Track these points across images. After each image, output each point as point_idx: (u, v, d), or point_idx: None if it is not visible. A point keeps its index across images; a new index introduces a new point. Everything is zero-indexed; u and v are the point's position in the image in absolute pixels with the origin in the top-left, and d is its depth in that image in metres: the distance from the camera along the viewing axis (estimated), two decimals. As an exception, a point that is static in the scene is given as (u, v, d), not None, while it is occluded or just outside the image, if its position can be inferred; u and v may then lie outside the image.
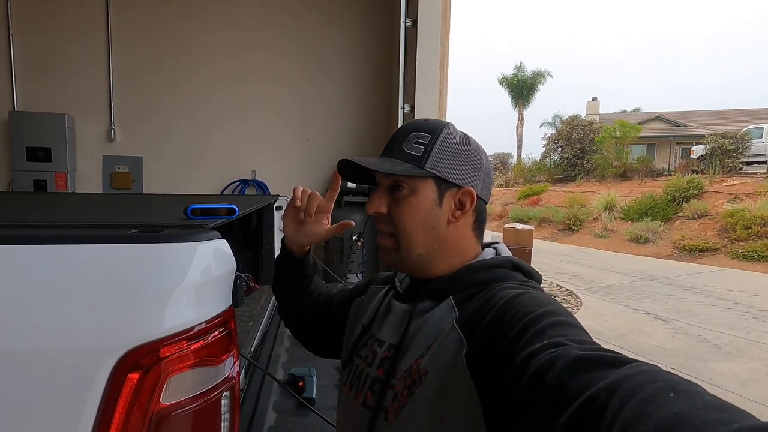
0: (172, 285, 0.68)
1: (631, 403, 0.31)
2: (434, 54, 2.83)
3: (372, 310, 0.73)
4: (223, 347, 0.74)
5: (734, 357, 4.36)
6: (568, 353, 0.40)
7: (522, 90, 25.13)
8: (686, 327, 5.28)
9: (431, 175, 0.61)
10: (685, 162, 16.01)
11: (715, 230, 10.62)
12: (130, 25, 3.41)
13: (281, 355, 1.40)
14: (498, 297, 0.55)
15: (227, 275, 0.78)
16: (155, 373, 0.64)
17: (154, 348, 0.65)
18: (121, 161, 3.52)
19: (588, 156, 17.68)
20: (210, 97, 3.54)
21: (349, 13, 3.59)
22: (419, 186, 0.62)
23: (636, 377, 0.34)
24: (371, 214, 0.65)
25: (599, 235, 12.46)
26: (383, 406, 0.60)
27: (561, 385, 0.37)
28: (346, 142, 3.63)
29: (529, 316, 0.48)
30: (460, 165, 0.63)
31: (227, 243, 0.79)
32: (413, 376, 0.57)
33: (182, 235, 0.72)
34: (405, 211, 0.62)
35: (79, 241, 0.66)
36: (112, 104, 3.44)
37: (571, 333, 0.45)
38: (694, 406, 0.29)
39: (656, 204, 12.39)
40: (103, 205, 1.49)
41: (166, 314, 0.66)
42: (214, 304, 0.74)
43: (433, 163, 0.61)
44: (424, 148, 0.62)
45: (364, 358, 0.68)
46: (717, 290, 7.12)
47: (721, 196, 11.67)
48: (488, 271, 0.61)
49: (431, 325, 0.59)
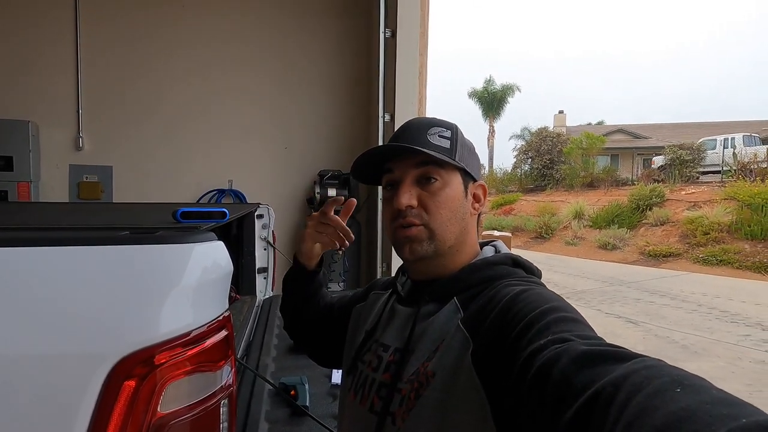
0: (168, 288, 0.65)
1: (637, 398, 0.31)
2: (413, 64, 2.87)
3: (375, 315, 0.72)
4: (221, 352, 0.71)
5: (701, 356, 4.55)
6: (573, 349, 0.40)
7: (492, 103, 25.82)
8: (655, 329, 5.48)
9: (460, 166, 0.63)
10: (647, 172, 16.79)
11: (677, 236, 11.14)
12: (101, 33, 3.31)
13: (269, 365, 1.36)
14: (501, 294, 0.55)
15: (224, 278, 0.76)
16: (152, 380, 0.61)
17: (150, 354, 0.62)
18: (89, 171, 3.37)
19: (557, 166, 18.28)
20: (184, 105, 3.46)
21: (327, 22, 3.61)
22: (450, 177, 0.63)
23: (641, 372, 0.33)
24: (403, 208, 0.61)
25: (570, 242, 12.84)
26: (390, 411, 0.59)
27: (566, 381, 0.37)
28: (325, 151, 3.62)
29: (533, 312, 0.48)
30: (474, 160, 0.67)
31: (224, 245, 0.76)
32: (420, 379, 0.56)
33: (178, 236, 0.69)
34: (441, 202, 0.62)
35: (69, 244, 0.63)
36: (81, 112, 3.31)
37: (576, 328, 0.45)
38: (700, 400, 0.29)
39: (622, 212, 12.90)
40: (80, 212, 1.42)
41: (163, 318, 0.63)
42: (212, 308, 0.71)
43: (461, 156, 0.64)
44: (450, 142, 0.63)
45: (368, 364, 0.67)
46: (681, 293, 7.44)
47: (681, 204, 12.27)
48: (490, 269, 0.62)
49: (437, 328, 0.59)
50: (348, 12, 3.62)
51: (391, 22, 2.88)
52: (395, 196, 0.62)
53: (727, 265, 9.57)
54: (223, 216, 0.97)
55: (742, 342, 5.00)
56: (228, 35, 3.47)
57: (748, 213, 10.41)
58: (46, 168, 3.31)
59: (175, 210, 0.92)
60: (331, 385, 1.23)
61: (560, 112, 25.51)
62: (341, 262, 3.07)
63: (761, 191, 10.77)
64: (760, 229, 9.92)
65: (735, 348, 4.81)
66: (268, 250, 2.32)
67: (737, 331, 5.39)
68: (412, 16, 2.84)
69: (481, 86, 25.90)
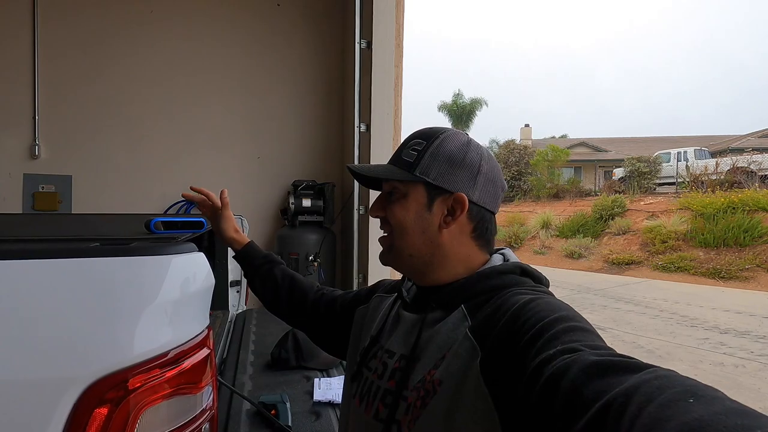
0: (144, 304, 0.60)
1: (649, 409, 0.31)
2: (389, 74, 2.88)
3: (380, 320, 0.71)
4: (202, 373, 0.66)
5: (666, 360, 4.72)
6: (583, 359, 0.39)
7: (461, 116, 26.39)
8: (622, 335, 5.66)
9: (420, 180, 0.62)
10: (609, 183, 17.54)
11: (638, 245, 11.64)
12: (60, 34, 3.15)
13: (246, 383, 1.29)
14: (510, 303, 0.54)
15: (205, 292, 0.71)
16: (126, 406, 0.55)
17: (123, 377, 0.56)
18: (45, 180, 3.17)
19: (524, 178, 18.80)
20: (150, 114, 3.33)
21: (301, 31, 3.58)
22: (409, 190, 0.64)
23: (653, 382, 0.33)
24: (372, 216, 0.69)
25: (538, 251, 13.17)
26: (396, 419, 0.57)
27: (576, 391, 0.37)
28: (299, 161, 3.56)
29: (542, 321, 0.48)
30: (454, 171, 0.63)
31: (204, 256, 0.71)
32: (427, 387, 0.55)
33: (155, 247, 0.64)
34: (396, 212, 0.65)
35: (31, 257, 0.56)
36: (37, 117, 3.12)
37: (586, 338, 0.45)
38: (714, 411, 0.28)
39: (587, 222, 13.37)
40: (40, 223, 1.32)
41: (138, 338, 0.58)
42: (192, 325, 0.66)
43: (423, 168, 0.63)
44: (416, 155, 0.63)
45: (374, 370, 0.65)
46: (644, 299, 7.74)
47: (641, 214, 12.85)
48: (498, 278, 0.61)
49: (444, 335, 0.58)
50: (322, 21, 3.61)
51: (367, 33, 2.88)
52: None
53: (684, 271, 10.06)
54: (200, 226, 0.92)
55: (701, 345, 5.24)
56: (197, 42, 3.39)
57: (701, 222, 11.02)
58: (-3, 177, 3.09)
59: (148, 220, 0.87)
60: (313, 403, 1.18)
61: (526, 125, 26.39)
62: (316, 274, 3.01)
63: (712, 201, 11.44)
64: (712, 238, 10.50)
65: (696, 351, 5.03)
66: (241, 263, 2.24)
67: (696, 335, 5.64)
68: (387, 28, 2.86)
69: (451, 100, 26.48)
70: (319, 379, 1.31)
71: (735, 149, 16.80)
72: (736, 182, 12.93)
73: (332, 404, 1.18)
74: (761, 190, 11.74)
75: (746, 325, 6.09)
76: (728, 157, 14.48)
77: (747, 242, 10.04)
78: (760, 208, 10.62)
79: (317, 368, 1.41)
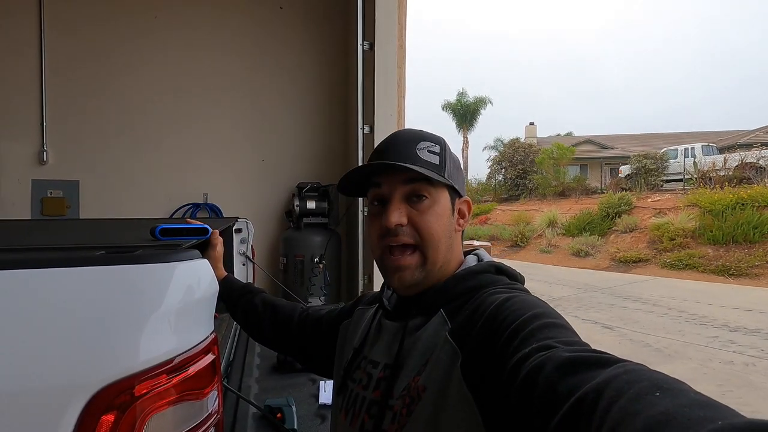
0: (149, 311, 0.61)
1: (619, 403, 0.31)
2: (392, 76, 2.88)
3: (362, 331, 0.71)
4: (207, 378, 0.67)
5: (674, 359, 4.68)
6: (557, 356, 0.40)
7: (465, 115, 26.33)
8: (630, 333, 5.62)
9: (449, 183, 0.62)
10: (615, 180, 17.41)
11: (645, 242, 11.55)
12: (68, 43, 3.19)
13: (252, 387, 1.30)
14: (487, 303, 0.54)
15: (210, 298, 0.71)
16: (133, 413, 0.56)
17: (130, 384, 0.57)
18: (53, 185, 3.22)
19: (529, 176, 18.73)
20: (155, 118, 3.36)
21: (303, 34, 3.60)
22: (439, 195, 0.62)
23: (623, 377, 0.34)
24: (392, 227, 0.60)
25: (544, 250, 13.11)
26: (382, 429, 0.58)
27: (551, 388, 0.38)
28: (303, 163, 3.57)
29: (518, 320, 0.48)
30: (460, 176, 0.66)
31: (208, 263, 0.72)
32: (412, 394, 0.56)
33: (159, 255, 0.64)
34: (433, 221, 0.61)
35: (37, 266, 0.57)
36: (45, 124, 3.16)
37: (560, 335, 0.45)
38: (679, 403, 0.29)
39: (593, 220, 13.29)
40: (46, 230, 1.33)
41: (143, 345, 0.58)
42: (197, 331, 0.67)
43: (449, 172, 0.63)
44: (439, 158, 0.62)
45: (358, 382, 0.65)
46: (652, 297, 7.68)
47: (648, 211, 12.75)
48: (474, 278, 0.61)
49: (425, 341, 0.58)
50: (324, 23, 3.62)
51: (369, 35, 2.89)
52: (385, 213, 0.61)
53: (692, 269, 9.97)
54: (204, 232, 0.93)
55: (711, 344, 5.19)
56: (201, 47, 3.41)
57: (709, 219, 10.91)
58: (6, 183, 3.13)
59: (153, 227, 0.88)
60: (319, 406, 1.19)
61: (531, 123, 26.28)
62: (322, 276, 3.02)
63: (721, 198, 11.32)
64: (721, 234, 10.39)
65: (705, 350, 4.98)
66: (247, 266, 2.25)
67: (706, 333, 5.59)
68: (389, 29, 2.86)
69: (455, 99, 26.44)
70: (325, 382, 1.31)
71: (743, 144, 16.60)
72: (745, 178, 12.79)
73: (338, 407, 1.18)
74: (770, 185, 11.60)
75: (756, 323, 6.03)
76: (736, 153, 14.31)
77: (756, 239, 9.93)
78: (770, 204, 10.50)
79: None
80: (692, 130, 25.58)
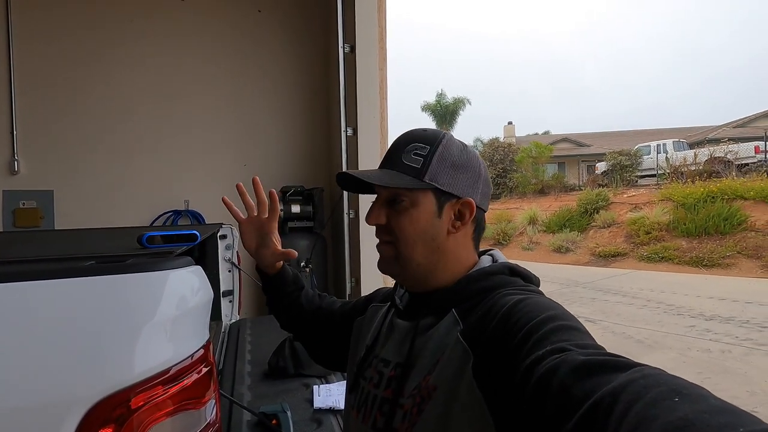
0: (143, 321, 0.59)
1: (636, 408, 0.31)
2: (373, 78, 2.89)
3: (375, 329, 0.71)
4: (204, 387, 0.66)
5: (655, 349, 4.82)
6: (571, 359, 0.40)
7: (445, 116, 26.53)
8: (612, 326, 5.75)
9: (430, 186, 0.61)
10: (592, 177, 17.81)
11: (623, 237, 11.85)
12: (37, 49, 3.08)
13: (244, 394, 1.28)
14: (500, 304, 0.54)
15: (204, 305, 0.70)
16: (130, 426, 0.55)
17: (126, 397, 0.56)
18: (26, 196, 3.10)
19: (509, 175, 18.98)
20: (133, 125, 3.28)
21: (282, 38, 3.57)
22: (419, 198, 0.61)
23: (640, 381, 0.34)
24: (371, 224, 0.64)
25: (526, 247, 13.31)
26: (393, 427, 0.58)
27: (565, 392, 0.37)
28: (287, 167, 3.54)
29: (531, 322, 0.48)
30: (459, 176, 0.63)
31: (202, 269, 0.71)
32: (423, 393, 0.56)
33: (151, 263, 0.63)
34: (406, 223, 0.62)
35: (24, 278, 0.55)
36: (15, 132, 3.05)
37: (575, 337, 0.45)
38: (699, 409, 0.29)
39: (572, 216, 13.56)
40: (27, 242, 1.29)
41: (138, 356, 0.57)
42: (192, 339, 0.66)
43: (432, 174, 0.61)
44: (422, 160, 0.61)
45: (369, 380, 0.65)
46: (631, 290, 7.88)
47: (624, 206, 13.09)
48: (488, 279, 0.61)
49: (437, 340, 0.58)
50: (304, 27, 3.61)
51: (350, 38, 2.89)
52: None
53: (668, 261, 10.27)
54: (194, 238, 0.91)
55: (688, 333, 5.35)
56: (180, 53, 3.35)
57: (682, 212, 11.27)
58: (-25, 195, 3.01)
59: (140, 234, 0.86)
60: (314, 410, 1.18)
61: (509, 123, 26.67)
62: (309, 280, 2.99)
63: (692, 192, 11.71)
64: (694, 227, 10.75)
65: (683, 339, 5.14)
66: (233, 272, 2.22)
67: (683, 323, 5.76)
68: (370, 32, 2.87)
69: (434, 100, 26.62)
70: (319, 386, 1.30)
71: (712, 140, 17.23)
72: (715, 172, 13.27)
73: (333, 411, 1.18)
74: (738, 178, 12.06)
75: (730, 311, 6.25)
76: (705, 148, 14.85)
77: (727, 230, 10.31)
78: (738, 197, 10.92)
79: (316, 375, 1.41)
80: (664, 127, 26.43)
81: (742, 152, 13.86)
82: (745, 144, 14.26)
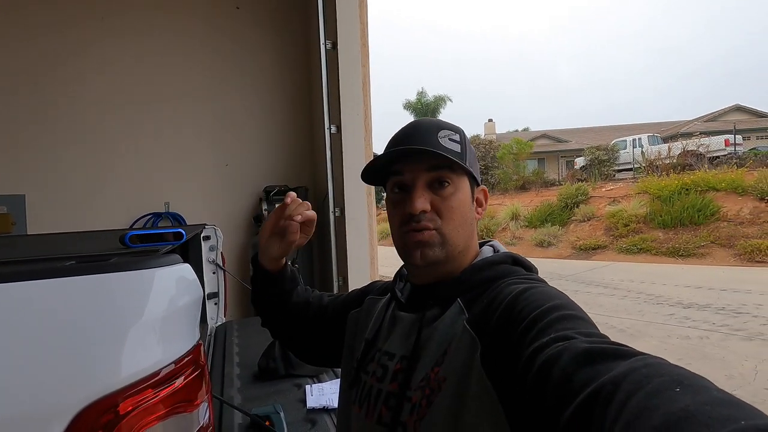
0: (130, 322, 0.56)
1: (637, 397, 0.31)
2: (356, 74, 2.87)
3: (375, 323, 0.69)
4: (197, 389, 0.63)
5: (637, 338, 4.93)
6: (574, 346, 0.40)
7: (426, 114, 26.64)
8: (595, 317, 5.80)
9: (469, 171, 0.63)
10: (571, 172, 18.16)
11: (602, 230, 12.11)
12: (7, 49, 2.96)
13: (235, 397, 1.25)
14: (505, 293, 0.54)
15: (194, 304, 0.67)
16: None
17: (113, 402, 0.53)
18: (-4, 201, 2.98)
19: (491, 171, 19.18)
20: (109, 127, 3.18)
21: (262, 35, 3.52)
22: (461, 182, 0.63)
23: (642, 370, 0.33)
24: (417, 213, 0.60)
25: (509, 242, 13.46)
26: (401, 420, 0.56)
27: (567, 378, 0.37)
28: (269, 166, 3.49)
29: (536, 310, 0.48)
30: (477, 165, 0.67)
31: (190, 267, 0.68)
32: (432, 384, 0.55)
33: (137, 261, 0.60)
34: (455, 207, 0.62)
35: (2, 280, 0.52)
36: (-17, 136, 2.92)
37: (579, 326, 0.45)
38: (700, 401, 0.29)
39: (553, 211, 13.79)
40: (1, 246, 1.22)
41: (125, 359, 0.54)
42: (183, 340, 0.63)
43: (469, 161, 0.63)
44: (460, 146, 0.62)
45: (372, 374, 0.64)
46: (612, 281, 8.07)
47: (603, 200, 13.38)
48: (492, 269, 0.61)
49: (443, 331, 0.58)
50: (284, 24, 3.55)
51: (331, 34, 2.86)
52: (408, 200, 0.61)
53: (646, 252, 10.55)
54: (179, 237, 0.88)
55: (668, 321, 5.50)
56: (156, 52, 3.26)
57: (658, 204, 11.58)
58: (-59, 201, 2.87)
59: (122, 234, 0.82)
60: (307, 410, 1.15)
61: (489, 120, 26.97)
62: (295, 280, 2.95)
63: (667, 184, 12.05)
64: (670, 218, 11.05)
65: (664, 327, 5.28)
66: (217, 274, 2.17)
67: (663, 312, 5.92)
68: (351, 28, 2.85)
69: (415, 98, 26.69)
70: (311, 386, 1.28)
71: (684, 134, 17.77)
72: (688, 165, 13.68)
73: (326, 410, 1.16)
74: (710, 171, 12.47)
75: (706, 299, 6.45)
76: (678, 142, 15.30)
77: (701, 221, 10.64)
78: (711, 188, 11.28)
79: (307, 375, 1.39)
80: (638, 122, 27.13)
81: (713, 145, 14.35)
82: (716, 137, 14.78)
